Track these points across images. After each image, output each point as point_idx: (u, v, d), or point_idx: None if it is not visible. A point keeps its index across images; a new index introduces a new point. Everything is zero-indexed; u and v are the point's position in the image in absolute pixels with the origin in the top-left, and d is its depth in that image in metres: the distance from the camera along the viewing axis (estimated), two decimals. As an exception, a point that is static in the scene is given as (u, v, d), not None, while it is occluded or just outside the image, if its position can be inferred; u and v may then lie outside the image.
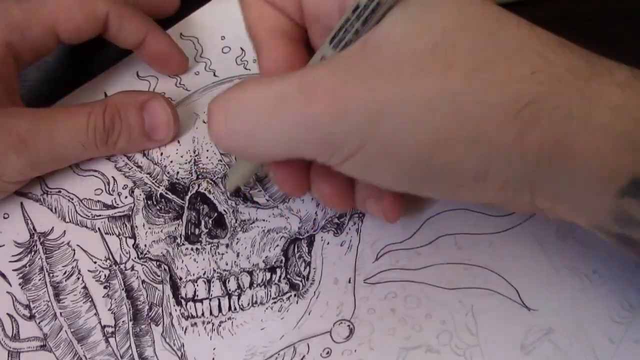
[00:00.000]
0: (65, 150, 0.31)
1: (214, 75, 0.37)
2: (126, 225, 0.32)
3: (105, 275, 0.30)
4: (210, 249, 0.31)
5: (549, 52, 0.21)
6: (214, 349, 0.28)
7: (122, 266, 0.30)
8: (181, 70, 0.37)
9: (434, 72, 0.20)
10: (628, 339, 0.27)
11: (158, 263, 0.30)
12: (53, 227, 0.32)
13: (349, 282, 0.29)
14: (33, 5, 0.32)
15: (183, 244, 0.31)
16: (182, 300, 0.29)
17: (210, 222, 0.31)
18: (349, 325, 0.28)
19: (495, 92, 0.20)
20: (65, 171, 0.33)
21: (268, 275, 0.30)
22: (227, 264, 0.30)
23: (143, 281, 0.30)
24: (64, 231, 0.32)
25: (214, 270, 0.30)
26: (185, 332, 0.29)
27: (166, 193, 0.33)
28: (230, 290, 0.29)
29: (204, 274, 0.30)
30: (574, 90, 0.20)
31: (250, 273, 0.30)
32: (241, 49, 0.38)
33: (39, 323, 0.29)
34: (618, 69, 0.21)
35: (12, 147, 0.29)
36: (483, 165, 0.21)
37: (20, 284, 0.30)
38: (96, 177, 0.33)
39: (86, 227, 0.32)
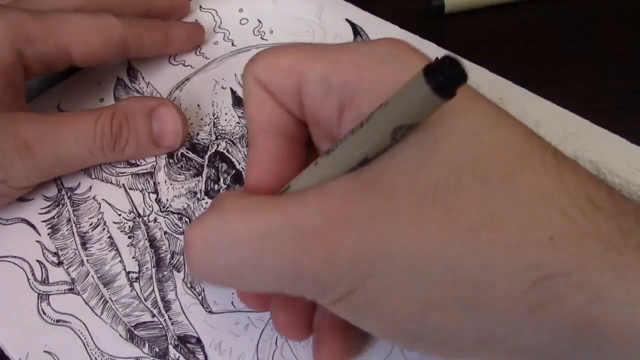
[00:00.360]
0: (71, 156, 0.31)
1: (232, 44, 0.39)
2: (149, 182, 0.33)
3: (129, 227, 0.32)
4: (229, 203, 0.32)
5: (575, 210, 0.17)
6: (232, 293, 0.30)
7: (145, 218, 0.32)
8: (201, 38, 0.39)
9: (432, 224, 0.18)
10: None
11: (179, 216, 0.32)
12: (80, 183, 0.33)
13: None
14: (51, 23, 0.32)
15: (203, 199, 0.32)
16: (202, 250, 0.31)
17: (229, 178, 0.33)
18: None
19: (503, 258, 0.17)
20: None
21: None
22: (245, 217, 0.32)
23: (165, 232, 0.32)
24: (90, 186, 0.33)
25: (233, 223, 0.32)
26: (205, 278, 0.30)
27: (187, 152, 0.34)
28: (248, 240, 0.31)
29: (223, 225, 0.31)
30: (604, 265, 0.17)
31: (267, 225, 0.31)
32: (258, 20, 0.40)
33: (67, 269, 0.31)
34: None
35: (18, 153, 0.29)
36: (485, 333, 0.18)
37: (49, 234, 0.32)
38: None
39: (111, 183, 0.33)
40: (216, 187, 0.33)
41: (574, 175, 0.18)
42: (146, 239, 0.31)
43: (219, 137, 0.35)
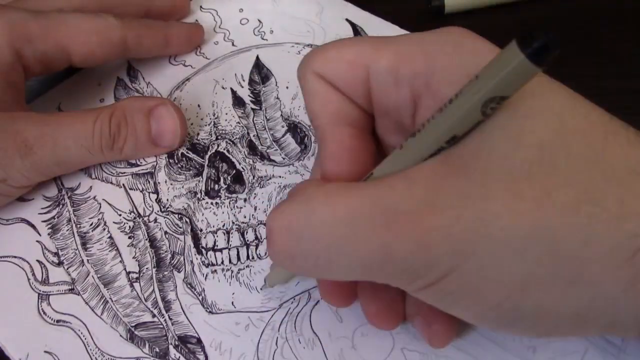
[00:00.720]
0: (70, 155, 0.31)
1: (233, 45, 0.39)
2: (149, 182, 0.33)
3: (129, 227, 0.32)
4: (229, 203, 0.32)
5: None
6: (233, 293, 0.30)
7: (145, 218, 0.32)
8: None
9: (529, 202, 0.18)
10: None
11: (180, 216, 0.32)
12: (80, 183, 0.33)
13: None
14: (50, 23, 0.32)
15: (203, 199, 0.32)
16: (203, 250, 0.31)
17: (229, 178, 0.33)
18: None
19: (603, 231, 0.17)
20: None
21: (284, 227, 0.31)
22: (245, 217, 0.32)
23: (165, 232, 0.32)
24: (90, 187, 0.33)
25: (233, 223, 0.32)
26: (205, 278, 0.30)
27: (187, 152, 0.34)
28: (248, 240, 0.31)
29: (223, 225, 0.32)
30: None
31: (267, 225, 0.31)
32: (258, 20, 0.40)
33: (67, 269, 0.31)
34: None
35: (18, 152, 0.29)
36: (583, 308, 0.19)
37: (49, 234, 0.32)
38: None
39: (111, 183, 0.33)
40: (216, 187, 0.33)
41: None
42: (146, 239, 0.31)
43: (219, 137, 0.35)
